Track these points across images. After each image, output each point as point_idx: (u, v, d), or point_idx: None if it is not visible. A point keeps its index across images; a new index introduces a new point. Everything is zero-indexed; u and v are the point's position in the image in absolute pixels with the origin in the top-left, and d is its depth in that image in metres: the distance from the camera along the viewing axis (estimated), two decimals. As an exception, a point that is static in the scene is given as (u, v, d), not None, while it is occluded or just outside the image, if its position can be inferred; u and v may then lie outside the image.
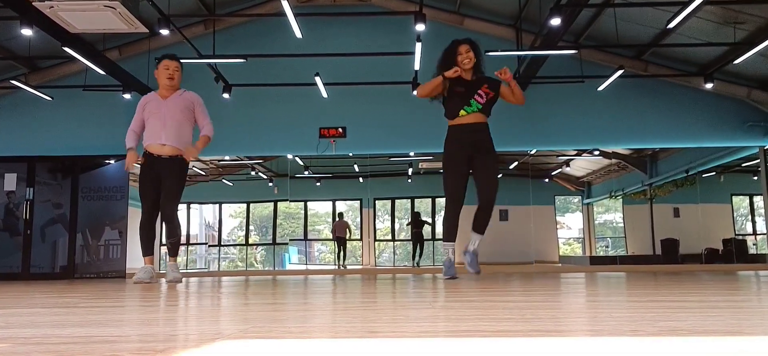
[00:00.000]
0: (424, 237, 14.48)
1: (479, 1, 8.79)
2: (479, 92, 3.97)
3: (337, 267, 13.77)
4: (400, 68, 8.51)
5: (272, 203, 16.18)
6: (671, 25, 6.47)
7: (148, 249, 4.36)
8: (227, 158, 13.19)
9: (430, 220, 15.13)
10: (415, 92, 4.22)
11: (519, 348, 0.96)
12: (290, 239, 17.78)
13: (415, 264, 13.65)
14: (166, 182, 4.26)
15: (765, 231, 9.71)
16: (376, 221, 16.37)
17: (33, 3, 5.05)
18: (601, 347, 0.95)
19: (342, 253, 14.03)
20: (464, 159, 3.94)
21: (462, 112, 3.95)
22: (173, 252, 4.39)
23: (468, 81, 4.00)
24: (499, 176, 4.18)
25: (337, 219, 14.58)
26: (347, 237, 14.53)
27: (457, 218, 3.99)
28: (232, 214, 18.00)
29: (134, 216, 10.50)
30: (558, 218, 16.57)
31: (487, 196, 3.93)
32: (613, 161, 13.41)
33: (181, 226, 4.49)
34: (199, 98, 4.46)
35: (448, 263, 4.00)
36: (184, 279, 4.65)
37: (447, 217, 4.01)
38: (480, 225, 3.99)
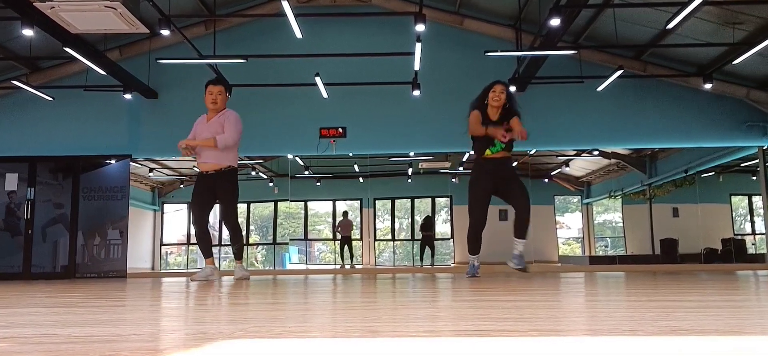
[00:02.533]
0: (435, 238, 14.53)
1: (479, 1, 8.80)
2: (503, 132, 4.41)
3: (342, 266, 13.76)
4: (400, 68, 8.53)
5: (272, 203, 16.20)
6: (670, 25, 6.49)
7: (207, 252, 4.77)
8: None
9: (439, 227, 15.15)
10: (469, 131, 4.62)
11: (519, 347, 0.97)
12: (290, 239, 17.78)
13: (430, 265, 13.69)
14: (221, 198, 4.69)
15: (764, 231, 9.71)
16: (376, 221, 16.39)
17: (34, 3, 5.06)
18: (600, 346, 0.96)
19: (348, 252, 14.02)
20: (489, 185, 4.50)
21: (488, 151, 4.49)
22: (238, 256, 4.83)
23: (492, 121, 4.49)
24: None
25: (342, 218, 14.56)
26: (353, 237, 14.55)
27: (479, 237, 4.60)
28: (232, 214, 17.99)
29: (135, 216, 10.55)
30: (557, 218, 16.58)
31: (524, 206, 4.46)
32: (613, 161, 13.42)
33: (242, 233, 4.92)
34: (233, 114, 4.74)
35: (472, 266, 4.64)
36: (183, 279, 4.78)
37: (470, 235, 4.60)
38: (520, 231, 4.51)
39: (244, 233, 5.05)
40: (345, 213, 14.82)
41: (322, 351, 0.97)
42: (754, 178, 10.39)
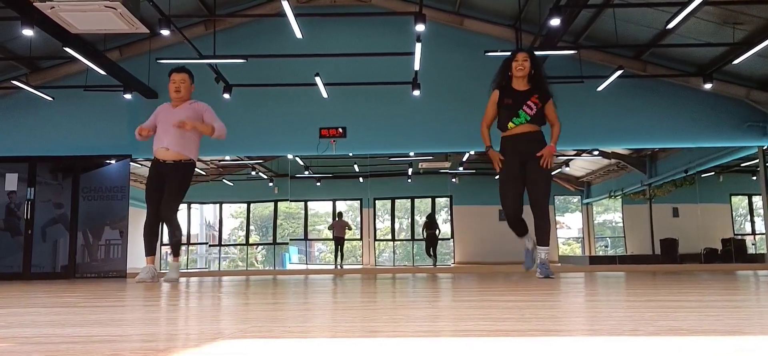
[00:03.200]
0: (439, 238, 14.55)
1: (479, 1, 8.81)
2: (528, 102, 3.98)
3: (334, 266, 13.77)
4: (400, 68, 8.54)
5: (272, 203, 16.21)
6: (670, 25, 6.50)
7: (150, 249, 4.43)
8: (228, 158, 13.21)
9: (440, 227, 15.14)
10: (482, 123, 4.23)
11: (518, 347, 0.97)
12: (290, 239, 17.80)
13: (433, 264, 13.71)
14: (168, 185, 4.35)
15: (764, 231, 9.72)
16: (376, 220, 16.40)
17: (34, 3, 5.06)
18: (600, 346, 0.96)
19: (339, 253, 14.01)
20: (516, 167, 4.00)
21: (510, 124, 4.01)
22: (175, 252, 4.50)
23: (517, 91, 4.02)
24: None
25: (336, 219, 14.55)
26: (346, 237, 14.54)
27: (522, 221, 4.13)
28: (233, 214, 18.03)
29: (135, 216, 10.53)
30: (557, 218, 16.59)
31: (535, 207, 4.01)
32: (613, 161, 13.43)
33: (181, 227, 4.54)
34: (209, 107, 4.58)
35: (526, 252, 4.22)
36: (183, 279, 4.68)
37: (511, 226, 4.16)
38: (541, 237, 4.05)
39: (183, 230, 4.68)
40: (340, 214, 14.83)
41: (322, 351, 0.97)
42: (754, 178, 10.40)
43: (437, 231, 14.46)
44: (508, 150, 4.04)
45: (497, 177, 4.17)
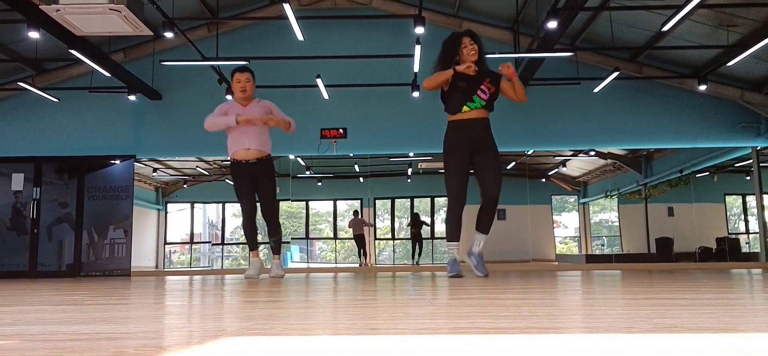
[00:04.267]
0: (423, 237, 14.54)
1: (477, 4, 8.90)
2: (482, 87, 3.80)
3: (360, 264, 13.73)
4: (400, 70, 8.63)
5: (274, 203, 16.23)
6: (665, 28, 6.56)
7: (253, 244, 4.60)
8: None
9: (428, 220, 15.20)
10: (421, 85, 4.06)
11: (516, 344, 0.98)
12: (292, 238, 17.87)
13: (415, 263, 13.70)
14: (261, 188, 4.48)
15: (757, 230, 9.83)
16: (377, 220, 16.48)
17: (40, 6, 5.14)
18: (596, 344, 0.97)
19: (361, 252, 13.97)
20: (466, 155, 3.79)
21: (465, 108, 3.78)
22: (276, 250, 4.63)
23: (470, 76, 3.77)
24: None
25: (353, 217, 14.47)
26: (367, 235, 14.47)
27: (460, 217, 3.89)
28: (235, 213, 18.09)
29: (139, 215, 10.63)
30: (555, 218, 16.66)
31: (490, 194, 3.80)
32: (609, 161, 13.50)
33: (281, 227, 4.72)
34: (273, 104, 4.72)
35: (452, 261, 3.89)
36: (188, 277, 4.74)
37: (449, 217, 3.92)
38: (484, 225, 3.88)
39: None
40: (355, 212, 14.81)
41: (323, 348, 0.98)
42: (748, 178, 10.51)
43: (423, 226, 14.47)
44: (458, 137, 3.82)
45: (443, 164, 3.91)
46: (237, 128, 4.44)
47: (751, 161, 9.48)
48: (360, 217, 14.49)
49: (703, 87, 8.19)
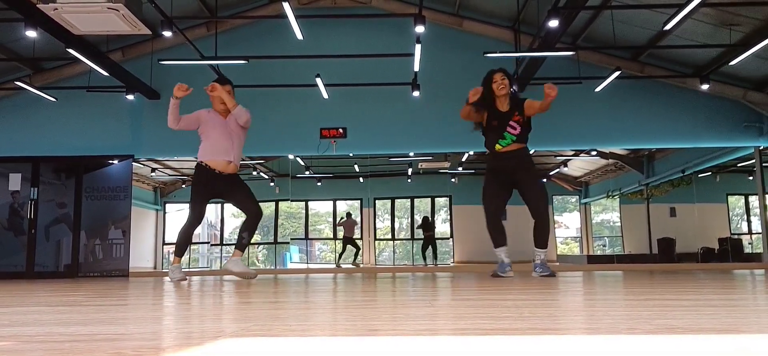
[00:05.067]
0: (436, 238, 14.52)
1: (478, 3, 8.87)
2: (511, 122, 4.17)
3: (337, 265, 13.76)
4: (400, 69, 8.60)
5: (274, 203, 16.28)
6: (668, 27, 6.54)
7: (181, 251, 4.50)
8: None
9: (435, 224, 15.16)
10: (461, 112, 4.34)
11: (517, 345, 0.97)
12: (291, 239, 17.89)
13: (433, 264, 13.67)
14: (239, 194, 4.43)
15: (760, 230, 9.79)
16: (377, 220, 16.46)
17: (37, 5, 5.10)
18: (598, 345, 0.96)
19: (345, 251, 13.98)
20: (500, 182, 4.23)
21: (497, 146, 4.19)
22: (241, 247, 4.49)
23: (501, 112, 4.19)
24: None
25: (344, 218, 14.51)
26: (357, 236, 14.45)
27: (500, 225, 4.28)
28: (234, 213, 18.10)
29: (137, 216, 10.58)
30: (556, 218, 16.65)
31: (537, 211, 4.18)
32: (610, 161, 13.49)
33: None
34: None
35: (501, 264, 4.21)
36: (187, 278, 4.71)
37: (489, 226, 4.28)
38: (540, 240, 4.23)
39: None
40: (348, 214, 14.87)
41: (322, 349, 0.97)
42: (751, 178, 10.49)
43: (433, 232, 14.49)
44: (495, 168, 4.26)
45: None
46: (221, 137, 4.38)
47: (753, 161, 9.46)
48: (353, 218, 14.48)
49: (705, 86, 8.16)
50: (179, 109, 4.43)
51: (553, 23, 6.40)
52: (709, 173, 11.76)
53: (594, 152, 12.51)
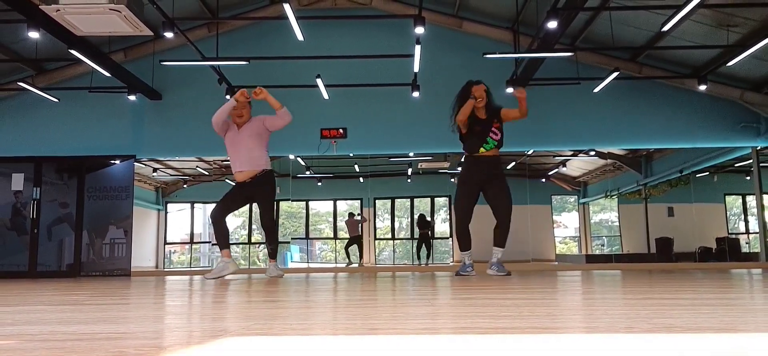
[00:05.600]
0: (431, 237, 14.57)
1: (477, 4, 8.91)
2: (492, 129, 4.57)
3: (347, 264, 13.80)
4: (400, 70, 8.63)
5: (274, 203, 16.27)
6: (665, 28, 6.56)
7: (224, 244, 4.75)
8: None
9: (431, 221, 15.21)
10: (457, 120, 4.68)
11: (517, 344, 0.99)
12: (292, 238, 17.90)
13: (425, 263, 13.71)
14: (257, 200, 4.80)
15: (757, 230, 9.84)
16: (377, 220, 16.50)
17: (40, 6, 5.14)
18: (596, 343, 0.98)
19: (349, 251, 14.05)
20: (476, 186, 4.59)
21: (481, 149, 4.56)
22: (272, 255, 4.93)
23: (483, 119, 4.59)
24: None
25: (348, 218, 14.53)
26: (361, 235, 14.52)
27: (468, 231, 4.67)
28: (236, 214, 18.11)
29: (139, 216, 10.63)
30: (555, 218, 16.67)
31: (503, 218, 4.54)
32: (609, 161, 13.52)
33: (278, 236, 5.05)
34: (263, 116, 4.96)
35: (463, 264, 4.67)
36: (188, 277, 4.82)
37: (458, 231, 4.71)
38: (500, 239, 4.58)
39: (277, 233, 5.09)
40: (351, 214, 14.88)
41: (323, 348, 0.98)
42: (748, 178, 10.52)
43: (430, 231, 14.51)
44: (473, 173, 4.59)
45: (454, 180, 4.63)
46: (233, 148, 4.75)
47: (750, 161, 9.48)
48: (355, 217, 14.53)
49: (703, 87, 8.20)
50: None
51: (552, 24, 6.44)
52: (707, 173, 11.78)
53: (592, 153, 12.53)
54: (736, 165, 10.91)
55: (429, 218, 15.13)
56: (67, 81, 9.00)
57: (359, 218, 14.49)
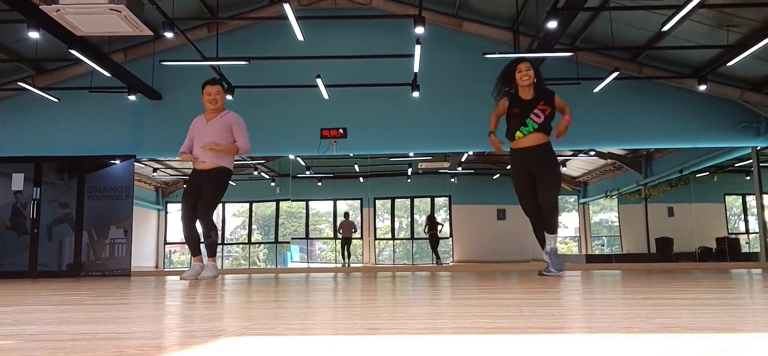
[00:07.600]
0: (440, 237, 14.64)
1: (477, 4, 8.91)
2: (535, 111, 4.06)
3: (343, 264, 13.89)
4: (400, 70, 8.64)
5: (274, 203, 16.31)
6: (665, 28, 6.57)
7: (195, 250, 4.61)
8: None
9: (440, 220, 15.28)
10: (490, 118, 4.38)
11: (517, 344, 0.98)
12: (292, 238, 17.91)
13: (435, 263, 13.77)
14: (206, 190, 4.56)
15: (757, 230, 9.84)
16: (377, 220, 16.50)
17: (40, 6, 5.14)
18: (596, 343, 0.98)
19: (346, 252, 14.14)
20: (523, 174, 4.13)
21: (518, 133, 4.09)
22: (210, 253, 4.61)
23: (524, 100, 4.11)
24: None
25: (343, 219, 14.63)
26: (353, 237, 14.66)
27: (537, 229, 4.28)
28: (236, 213, 18.18)
29: (139, 216, 10.63)
30: (555, 217, 16.67)
31: (542, 200, 4.07)
32: (609, 161, 13.53)
33: (217, 228, 4.73)
34: (238, 118, 4.74)
35: (554, 258, 4.17)
36: (190, 278, 4.74)
37: (535, 226, 4.28)
38: (547, 226, 4.17)
39: (219, 231, 4.89)
40: (346, 214, 14.94)
41: (323, 348, 0.98)
42: (748, 178, 10.53)
43: (440, 228, 14.59)
44: (517, 167, 4.17)
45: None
46: (197, 141, 4.65)
47: (750, 161, 9.49)
48: (350, 219, 14.66)
49: (703, 87, 8.20)
50: (185, 144, 4.78)
51: (552, 24, 6.45)
52: (707, 173, 11.80)
53: (592, 153, 12.55)
54: (736, 165, 10.92)
55: (439, 220, 15.20)
56: (67, 81, 9.00)
57: (349, 219, 14.63)
